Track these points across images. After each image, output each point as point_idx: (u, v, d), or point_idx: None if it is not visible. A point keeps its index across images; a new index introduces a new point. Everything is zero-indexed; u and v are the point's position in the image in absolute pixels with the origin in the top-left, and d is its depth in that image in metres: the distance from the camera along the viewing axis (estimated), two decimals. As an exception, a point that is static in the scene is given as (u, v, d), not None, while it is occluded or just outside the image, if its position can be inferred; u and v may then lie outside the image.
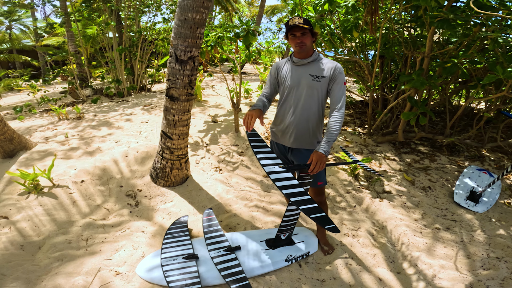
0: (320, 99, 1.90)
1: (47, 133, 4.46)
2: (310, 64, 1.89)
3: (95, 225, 2.47)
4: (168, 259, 2.00)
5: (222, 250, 2.08)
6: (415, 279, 2.06)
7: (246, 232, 2.39)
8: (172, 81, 2.59)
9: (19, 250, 2.12)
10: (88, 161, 3.40)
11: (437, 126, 5.07)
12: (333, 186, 3.27)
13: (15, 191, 2.75)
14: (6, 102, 7.94)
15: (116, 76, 7.19)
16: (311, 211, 1.37)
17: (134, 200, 2.88)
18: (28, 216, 2.44)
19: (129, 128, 4.56)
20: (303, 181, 1.83)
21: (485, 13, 1.97)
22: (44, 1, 7.99)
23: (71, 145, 3.88)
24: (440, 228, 2.63)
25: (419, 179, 3.45)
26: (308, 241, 2.29)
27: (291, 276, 2.04)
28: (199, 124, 4.73)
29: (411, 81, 3.28)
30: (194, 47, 2.47)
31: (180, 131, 2.83)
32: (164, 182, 3.03)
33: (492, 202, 3.02)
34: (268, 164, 1.71)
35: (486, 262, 2.23)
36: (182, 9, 2.32)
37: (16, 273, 1.89)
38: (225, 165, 3.58)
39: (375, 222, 2.72)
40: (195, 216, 2.67)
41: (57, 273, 1.92)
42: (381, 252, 2.32)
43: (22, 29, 18.91)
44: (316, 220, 1.34)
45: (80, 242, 2.27)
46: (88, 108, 6.04)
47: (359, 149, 4.16)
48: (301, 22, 1.76)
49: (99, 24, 6.82)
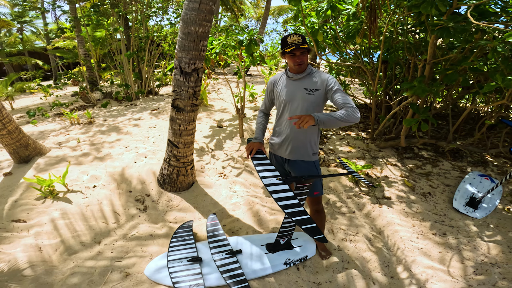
0: (315, 112, 1.99)
1: (60, 138, 4.67)
2: (304, 78, 1.97)
3: (107, 228, 2.63)
4: (174, 261, 2.13)
5: (224, 254, 2.21)
6: (407, 283, 2.14)
7: (247, 236, 2.51)
8: (177, 92, 2.72)
9: (37, 252, 2.28)
10: (99, 166, 3.57)
11: (442, 130, 5.08)
12: (334, 192, 3.36)
13: (32, 196, 2.93)
14: (19, 104, 8.24)
15: (125, 80, 7.40)
16: (303, 222, 1.47)
17: (142, 205, 3.03)
18: (46, 220, 2.61)
19: (137, 134, 4.73)
20: (299, 192, 1.94)
21: (477, 23, 2.02)
22: (54, 5, 8.24)
23: (82, 150, 4.07)
24: (437, 233, 2.70)
25: (420, 185, 3.51)
26: (306, 246, 2.40)
27: (289, 279, 2.15)
28: (205, 129, 4.87)
29: (413, 88, 3.34)
30: (198, 59, 2.59)
31: (186, 140, 2.96)
32: (170, 187, 3.17)
33: (491, 208, 3.07)
34: (266, 176, 1.82)
35: (479, 268, 2.29)
36: (185, 22, 2.44)
37: (35, 274, 2.06)
38: (229, 170, 3.71)
39: (374, 228, 2.81)
40: (199, 220, 2.80)
41: (73, 274, 2.08)
42: (376, 257, 2.41)
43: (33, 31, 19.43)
44: (306, 231, 1.44)
45: (93, 245, 2.43)
46: (98, 113, 6.25)
47: (362, 154, 4.23)
48: (300, 41, 1.84)
49: (107, 28, 7.03)
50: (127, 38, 7.35)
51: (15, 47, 15.40)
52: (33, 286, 1.97)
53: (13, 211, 2.72)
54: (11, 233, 2.47)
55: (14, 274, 2.06)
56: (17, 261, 2.15)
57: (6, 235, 2.44)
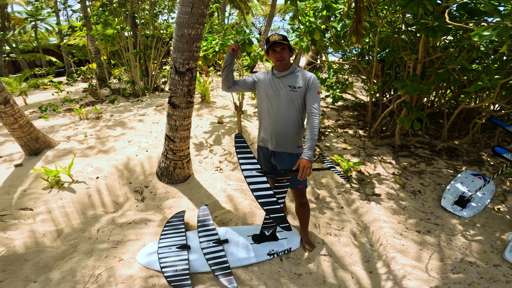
0: (298, 108, 2.10)
1: (69, 132, 4.92)
2: (288, 76, 2.09)
3: (106, 217, 2.82)
4: (164, 248, 2.30)
5: (211, 242, 2.36)
6: (384, 279, 2.23)
7: (236, 227, 2.65)
8: (173, 90, 2.87)
9: (41, 238, 2.49)
10: (103, 159, 3.78)
11: (442, 128, 5.06)
12: (325, 187, 3.46)
13: (40, 185, 3.15)
14: (32, 100, 8.61)
15: (132, 77, 7.63)
16: (272, 211, 1.60)
17: (140, 196, 3.21)
18: (51, 208, 2.82)
19: (141, 129, 4.93)
20: (280, 184, 2.06)
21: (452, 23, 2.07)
22: (65, 5, 8.53)
23: (89, 144, 4.29)
24: (421, 231, 2.76)
25: (411, 183, 3.56)
26: (291, 238, 2.52)
27: (271, 269, 2.28)
28: (205, 125, 5.03)
29: (405, 86, 3.38)
30: (191, 60, 2.73)
31: (182, 135, 3.12)
32: (168, 180, 3.34)
33: (480, 207, 3.10)
34: (247, 169, 1.95)
35: (457, 266, 2.35)
36: (179, 25, 2.57)
37: (36, 259, 2.25)
38: (225, 165, 3.85)
39: (360, 223, 2.90)
40: (193, 211, 2.96)
41: (71, 258, 2.27)
42: (358, 252, 2.51)
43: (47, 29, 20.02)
44: (274, 220, 1.57)
45: (92, 232, 2.63)
46: (106, 108, 6.50)
47: (357, 151, 4.29)
48: (280, 39, 2.00)
49: (115, 27, 7.27)
50: (134, 36, 7.57)
51: (29, 45, 15.96)
52: (33, 269, 2.15)
53: (22, 199, 2.94)
54: (19, 220, 2.69)
55: (17, 258, 2.25)
56: (22, 246, 2.36)
57: (14, 222, 2.65)
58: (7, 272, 2.12)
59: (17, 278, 2.07)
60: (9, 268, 2.16)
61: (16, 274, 2.10)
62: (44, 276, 2.10)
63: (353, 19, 3.17)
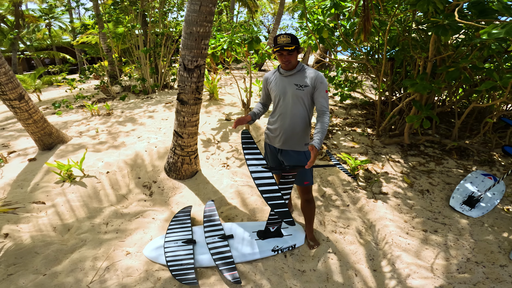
0: (306, 106, 2.12)
1: (81, 127, 5.05)
2: (295, 74, 2.10)
3: (115, 211, 2.90)
4: (170, 242, 2.35)
5: (217, 238, 2.40)
6: (388, 277, 2.23)
7: (241, 223, 2.68)
8: (181, 87, 2.91)
9: (52, 231, 2.58)
10: (113, 154, 3.87)
11: (454, 127, 4.97)
12: (331, 185, 3.46)
13: (52, 179, 3.26)
14: (46, 96, 8.85)
15: (142, 75, 7.75)
16: (277, 206, 1.62)
17: (149, 190, 3.28)
18: (62, 201, 2.92)
19: (151, 125, 5.02)
20: (285, 180, 2.08)
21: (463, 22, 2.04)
22: (78, 3, 8.70)
23: (100, 139, 4.40)
24: (428, 230, 2.74)
25: (419, 182, 3.52)
26: (296, 235, 2.54)
27: (275, 265, 2.31)
28: (213, 122, 5.08)
29: (415, 85, 3.34)
30: (200, 57, 2.77)
31: (190, 131, 3.17)
32: (175, 175, 3.40)
33: (489, 208, 3.04)
34: (253, 164, 1.97)
35: (463, 266, 2.33)
36: (188, 23, 2.61)
37: (47, 252, 2.32)
38: (232, 161, 3.89)
39: (366, 221, 2.89)
40: (199, 206, 3.01)
41: (80, 251, 2.35)
42: (363, 250, 2.50)
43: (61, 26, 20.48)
44: (277, 214, 1.59)
45: (101, 225, 2.70)
46: (117, 105, 6.63)
47: (365, 150, 4.26)
48: (288, 42, 1.96)
49: (126, 25, 7.39)
50: (144, 34, 7.67)
51: (43, 42, 16.35)
52: (43, 262, 2.21)
53: (34, 193, 3.05)
54: (31, 213, 2.79)
55: (28, 251, 2.31)
56: (33, 239, 2.44)
57: (26, 215, 2.75)
58: (18, 265, 2.18)
59: (28, 271, 2.12)
60: (20, 261, 2.22)
61: (26, 267, 2.16)
62: (53, 269, 2.16)
63: (361, 17, 3.15)
